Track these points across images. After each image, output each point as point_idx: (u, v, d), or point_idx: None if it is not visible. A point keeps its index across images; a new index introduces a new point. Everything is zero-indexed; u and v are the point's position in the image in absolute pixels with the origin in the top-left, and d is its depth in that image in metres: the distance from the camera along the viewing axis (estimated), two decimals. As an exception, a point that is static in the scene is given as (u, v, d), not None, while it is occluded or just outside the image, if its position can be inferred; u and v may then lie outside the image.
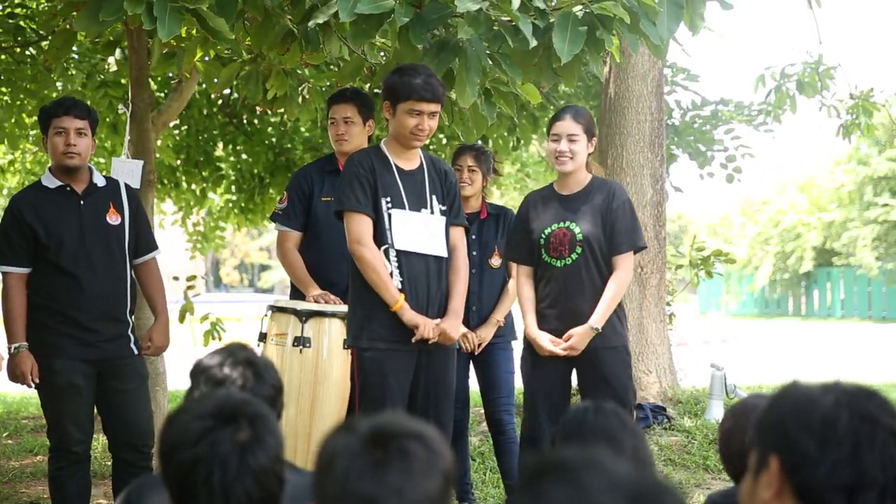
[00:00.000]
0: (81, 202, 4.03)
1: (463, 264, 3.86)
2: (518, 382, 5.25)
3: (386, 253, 3.70)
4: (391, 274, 3.69)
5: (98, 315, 3.98)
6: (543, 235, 4.15)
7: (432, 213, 3.78)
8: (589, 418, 2.06)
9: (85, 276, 3.96)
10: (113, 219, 4.08)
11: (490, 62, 3.74)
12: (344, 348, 4.01)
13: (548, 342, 4.09)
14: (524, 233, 4.23)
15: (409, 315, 3.66)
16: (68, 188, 4.04)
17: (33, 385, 3.96)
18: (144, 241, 4.20)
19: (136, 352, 4.11)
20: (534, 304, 4.18)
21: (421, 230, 3.74)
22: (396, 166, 3.76)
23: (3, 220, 4.06)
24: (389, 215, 3.70)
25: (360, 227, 3.69)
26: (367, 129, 4.55)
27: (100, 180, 4.11)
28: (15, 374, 3.94)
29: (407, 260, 3.71)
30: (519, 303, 4.26)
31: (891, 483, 1.48)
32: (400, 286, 3.69)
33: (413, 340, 3.67)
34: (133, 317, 4.16)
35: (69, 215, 4.00)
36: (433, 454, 1.40)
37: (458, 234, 3.89)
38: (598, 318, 4.05)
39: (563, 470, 1.20)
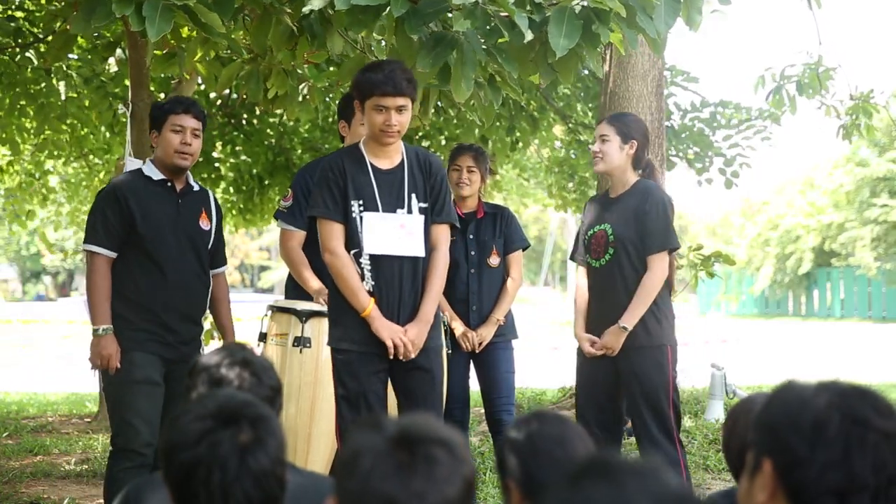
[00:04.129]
0: (179, 200, 3.99)
1: (440, 264, 3.73)
2: (519, 382, 5.27)
3: (357, 256, 3.65)
4: (363, 277, 3.65)
5: (179, 316, 3.92)
6: (587, 237, 4.35)
7: (410, 212, 3.69)
8: (533, 428, 2.03)
9: (173, 273, 3.90)
10: (205, 224, 4.05)
11: (486, 56, 3.73)
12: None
13: (587, 345, 4.26)
14: (580, 235, 4.46)
15: (377, 325, 3.60)
16: (169, 183, 3.98)
17: (109, 373, 3.81)
18: (221, 253, 4.18)
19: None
20: (583, 305, 4.36)
21: (394, 232, 3.66)
22: (373, 165, 3.69)
23: (100, 202, 3.94)
24: (361, 218, 3.65)
25: (329, 233, 3.66)
26: None
27: (194, 184, 4.08)
28: (101, 356, 3.80)
29: (378, 263, 3.65)
30: (575, 300, 4.43)
31: (883, 485, 1.47)
32: (371, 290, 3.65)
33: (390, 356, 3.62)
34: (204, 321, 4.11)
35: (168, 210, 3.95)
36: (457, 461, 1.41)
37: (442, 232, 3.77)
38: (628, 317, 4.14)
39: (609, 471, 1.21)
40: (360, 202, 3.65)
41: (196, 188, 4.09)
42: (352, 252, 3.65)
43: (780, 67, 7.93)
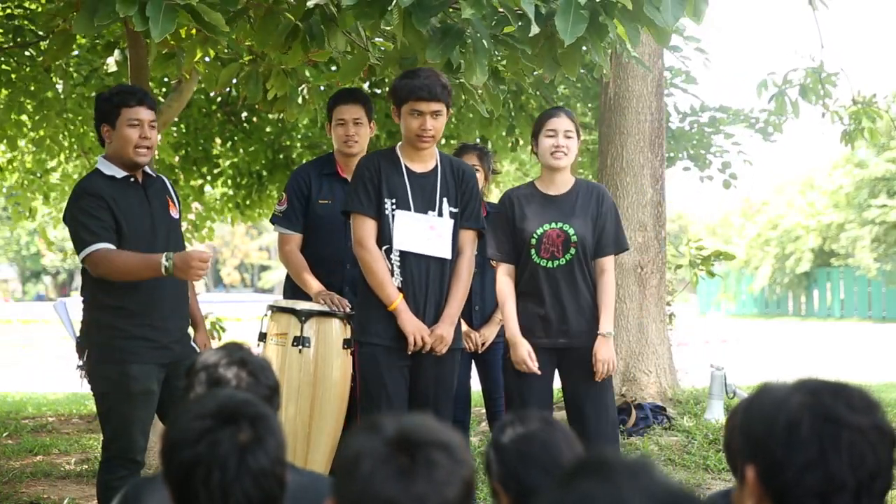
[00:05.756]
0: (146, 194, 3.83)
1: (465, 268, 3.89)
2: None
3: (388, 253, 3.79)
4: (392, 273, 3.77)
5: (169, 314, 3.80)
6: (535, 236, 4.09)
7: (440, 215, 3.84)
8: (518, 432, 2.04)
9: None
10: (174, 212, 3.91)
11: (495, 45, 3.73)
12: (343, 348, 4.03)
13: (527, 356, 4.00)
14: (508, 231, 4.14)
15: (402, 319, 3.74)
16: (132, 178, 3.81)
17: (94, 385, 3.69)
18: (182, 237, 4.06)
19: (197, 350, 3.94)
20: (514, 306, 4.10)
21: (424, 232, 3.80)
22: (408, 168, 3.84)
23: (79, 205, 3.72)
24: (393, 216, 3.78)
25: (361, 228, 3.80)
26: (371, 131, 4.55)
27: (150, 172, 3.91)
28: (194, 269, 3.53)
29: (407, 261, 3.79)
30: (504, 301, 4.12)
31: (865, 482, 1.46)
32: (399, 286, 3.78)
33: (409, 352, 3.76)
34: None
35: (140, 208, 3.79)
36: (457, 463, 1.41)
37: (468, 237, 3.92)
38: (606, 323, 4.06)
39: (603, 470, 1.22)
40: (393, 201, 3.80)
41: (153, 175, 3.91)
42: (382, 248, 3.79)
43: (782, 72, 7.94)
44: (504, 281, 4.13)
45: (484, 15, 3.50)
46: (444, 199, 3.85)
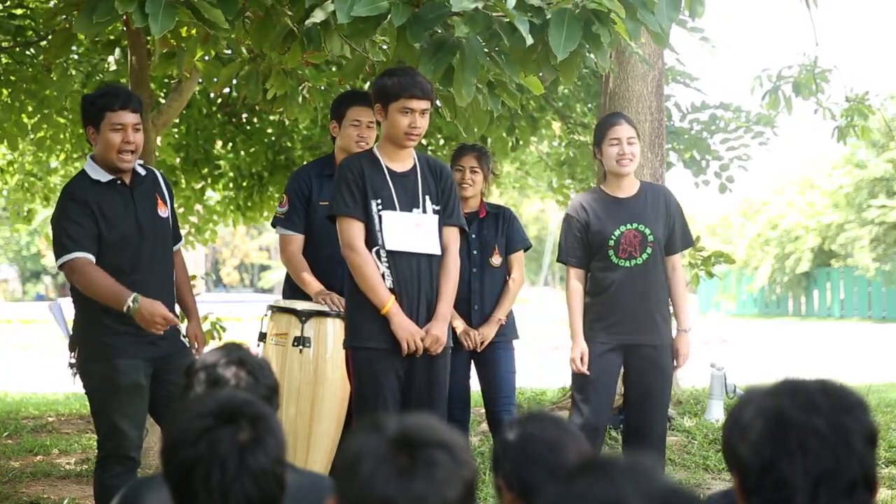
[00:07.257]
0: (133, 195, 3.83)
1: (453, 265, 3.88)
2: (519, 382, 5.26)
3: (378, 254, 3.77)
4: (383, 275, 3.76)
5: None
6: (614, 237, 4.30)
7: (425, 212, 3.84)
8: (526, 431, 2.05)
9: (144, 274, 3.78)
10: (162, 211, 3.90)
11: (487, 60, 3.73)
12: (343, 348, 4.03)
13: (580, 357, 4.28)
14: (580, 236, 4.37)
15: (395, 324, 3.71)
16: (119, 181, 3.81)
17: (89, 385, 3.73)
18: (176, 230, 4.06)
19: (187, 345, 3.95)
20: (581, 308, 4.35)
21: (412, 230, 3.79)
22: (388, 168, 3.83)
23: (64, 210, 3.75)
24: (380, 217, 3.77)
25: (350, 231, 3.78)
26: None
27: (140, 169, 3.89)
28: (155, 322, 3.62)
29: (397, 260, 3.77)
30: (571, 303, 4.37)
31: (824, 480, 1.45)
32: (391, 286, 3.75)
33: (403, 355, 3.74)
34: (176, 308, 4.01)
35: (126, 211, 3.79)
36: (458, 464, 1.42)
37: (452, 234, 3.91)
38: (685, 319, 4.41)
39: (602, 469, 1.23)
40: (379, 202, 3.79)
41: (143, 173, 3.89)
42: (372, 250, 3.77)
43: (776, 69, 7.93)
44: (574, 285, 4.38)
45: (477, 31, 3.48)
46: (427, 197, 3.85)
